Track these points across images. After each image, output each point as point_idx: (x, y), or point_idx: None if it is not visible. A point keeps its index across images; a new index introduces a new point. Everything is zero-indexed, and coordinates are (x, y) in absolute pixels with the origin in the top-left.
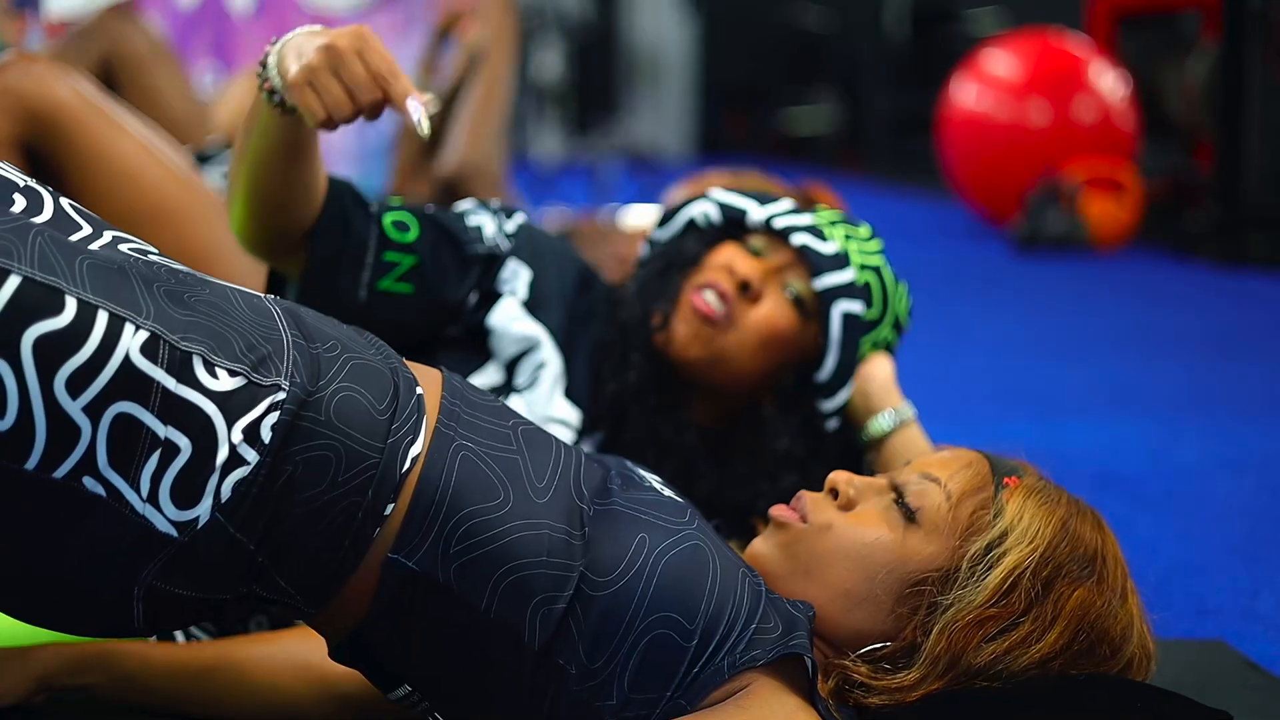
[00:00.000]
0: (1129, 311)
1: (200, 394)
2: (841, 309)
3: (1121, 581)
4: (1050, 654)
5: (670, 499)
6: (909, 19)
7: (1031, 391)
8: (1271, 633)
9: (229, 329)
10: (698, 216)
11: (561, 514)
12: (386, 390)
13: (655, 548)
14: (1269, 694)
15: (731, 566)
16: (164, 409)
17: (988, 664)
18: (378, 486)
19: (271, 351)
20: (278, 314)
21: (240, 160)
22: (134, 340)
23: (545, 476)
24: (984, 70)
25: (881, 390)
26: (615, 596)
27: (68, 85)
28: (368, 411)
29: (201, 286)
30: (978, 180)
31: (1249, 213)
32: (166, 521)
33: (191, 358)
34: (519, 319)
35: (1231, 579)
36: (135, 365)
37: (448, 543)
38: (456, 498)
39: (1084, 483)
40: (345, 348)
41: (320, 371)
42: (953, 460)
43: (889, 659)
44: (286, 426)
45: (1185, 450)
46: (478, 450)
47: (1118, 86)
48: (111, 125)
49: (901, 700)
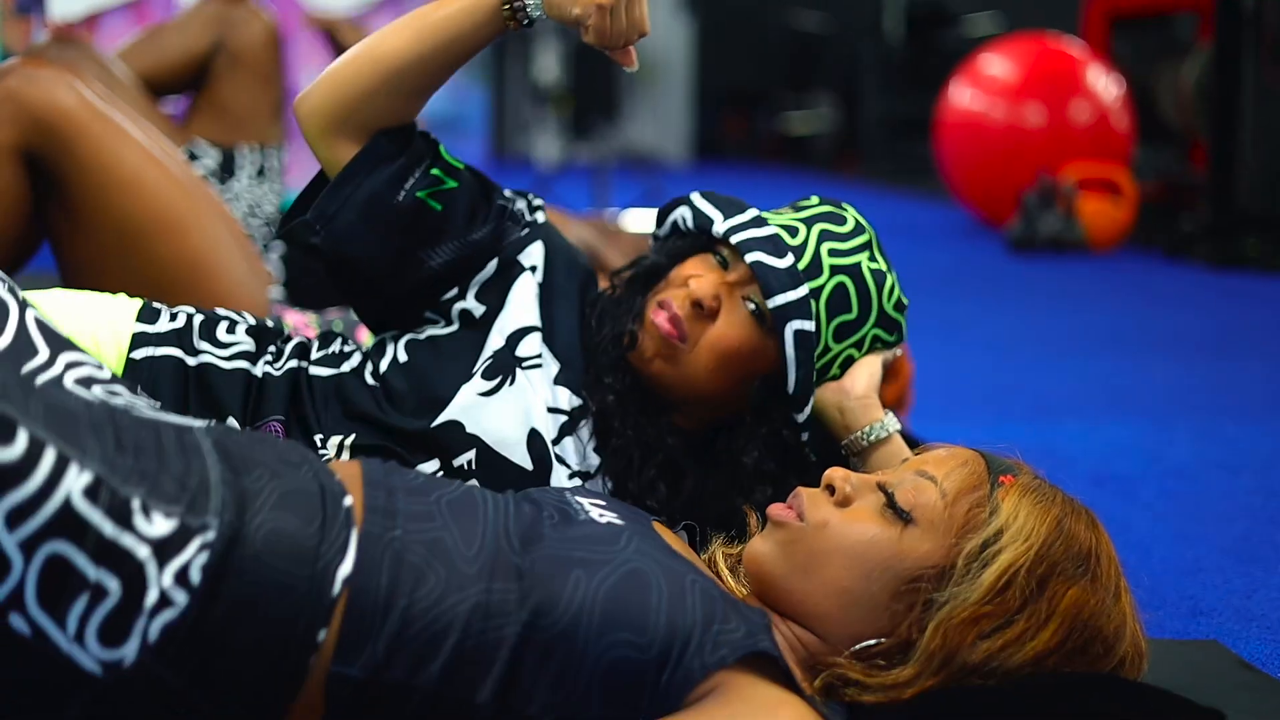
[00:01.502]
0: (1124, 313)
1: (135, 538)
2: (794, 327)
3: (1115, 580)
4: (1045, 652)
5: (606, 526)
6: (906, 22)
7: (1027, 392)
8: (1265, 633)
9: (164, 470)
10: (679, 220)
11: (494, 574)
12: (314, 512)
13: (592, 581)
14: (1263, 694)
15: (676, 577)
16: (98, 552)
17: (982, 661)
18: (309, 616)
19: (201, 491)
20: (207, 448)
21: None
22: (77, 481)
23: (474, 543)
24: (980, 73)
25: (859, 405)
26: (563, 635)
27: (71, 92)
28: (294, 540)
29: (139, 426)
30: (974, 182)
31: (1243, 214)
32: (92, 661)
33: (130, 502)
34: (530, 302)
35: (1225, 579)
36: (74, 507)
37: (388, 641)
38: (390, 597)
39: (1079, 483)
40: (273, 474)
41: (247, 504)
42: (949, 458)
43: (884, 655)
44: (216, 566)
45: (1180, 451)
46: (405, 540)
47: (1113, 89)
48: (115, 132)
49: (896, 697)
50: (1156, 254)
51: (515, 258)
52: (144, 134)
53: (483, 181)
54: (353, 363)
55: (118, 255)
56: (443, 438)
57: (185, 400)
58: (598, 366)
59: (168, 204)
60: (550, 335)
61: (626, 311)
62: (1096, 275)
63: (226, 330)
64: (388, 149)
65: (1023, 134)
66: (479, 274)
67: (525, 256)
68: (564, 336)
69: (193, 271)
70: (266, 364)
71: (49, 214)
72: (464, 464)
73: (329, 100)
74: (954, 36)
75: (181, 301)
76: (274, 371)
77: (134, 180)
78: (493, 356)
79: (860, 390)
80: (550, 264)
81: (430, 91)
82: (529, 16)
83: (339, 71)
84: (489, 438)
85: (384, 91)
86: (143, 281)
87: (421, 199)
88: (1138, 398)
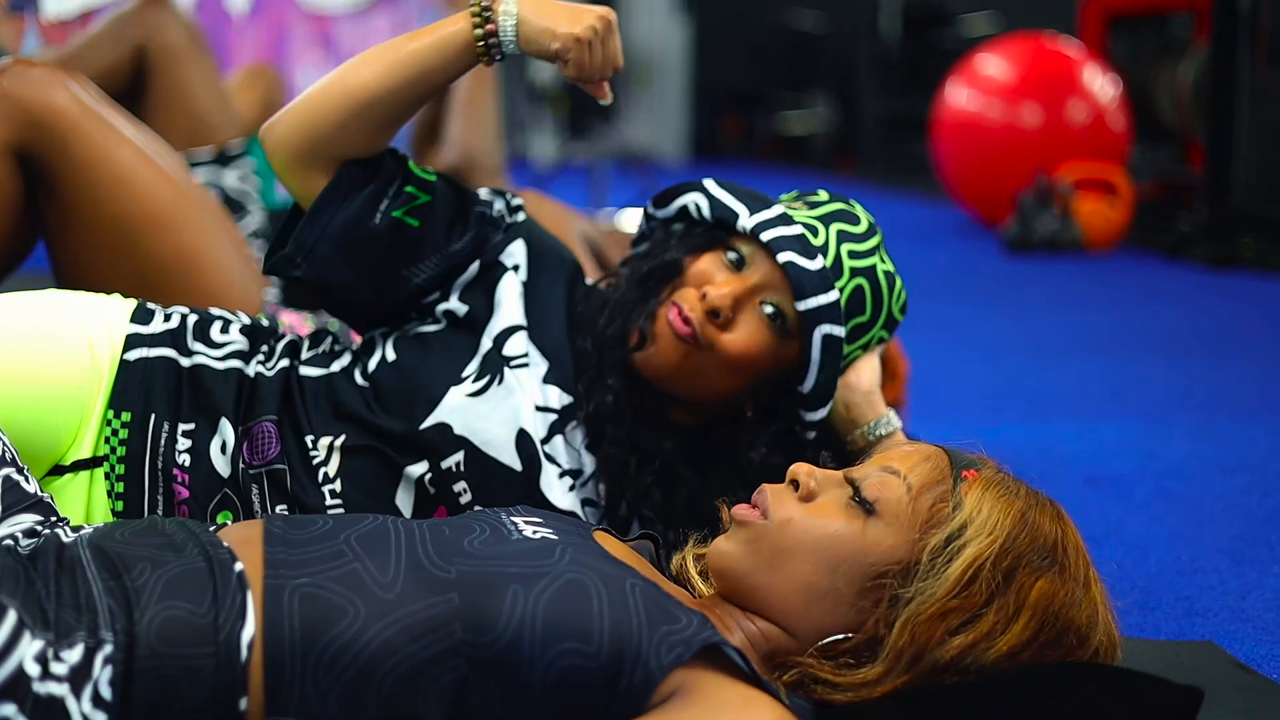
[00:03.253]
0: (1120, 313)
1: (55, 683)
2: (823, 332)
3: (1084, 570)
4: (1018, 645)
5: (540, 541)
6: (903, 22)
7: (1023, 392)
8: (1260, 633)
9: (63, 604)
10: (690, 206)
11: (417, 595)
12: (205, 589)
13: (529, 594)
14: (1258, 694)
15: (616, 583)
16: (34, 709)
17: (956, 658)
18: (226, 690)
19: (89, 609)
20: (86, 560)
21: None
22: (30, 647)
23: (390, 570)
24: (977, 73)
25: (864, 400)
26: (508, 649)
27: (64, 91)
28: (188, 621)
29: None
30: (970, 182)
31: (1239, 214)
32: None
33: (46, 650)
34: (515, 301)
35: (1221, 579)
36: (25, 671)
37: (316, 680)
38: (307, 639)
39: (1074, 484)
40: (154, 564)
41: (133, 604)
42: (913, 453)
43: (852, 653)
44: (122, 676)
45: (1175, 451)
46: (314, 582)
47: (1109, 89)
48: (107, 131)
49: (867, 696)
50: (1153, 254)
51: (497, 258)
52: (137, 132)
53: (457, 190)
54: (343, 362)
55: (111, 252)
56: (431, 439)
57: (179, 401)
58: (601, 364)
59: (161, 201)
60: (537, 333)
61: (638, 310)
62: (1093, 275)
63: (220, 330)
64: (359, 175)
65: (1019, 134)
66: (461, 276)
67: (507, 256)
68: (551, 334)
69: (186, 268)
70: (259, 363)
71: (43, 212)
72: (453, 465)
73: (298, 132)
74: (951, 36)
75: (175, 298)
76: (266, 372)
77: (127, 178)
78: (481, 358)
79: (865, 386)
80: (533, 261)
81: (401, 123)
82: (502, 51)
83: (309, 103)
84: (477, 439)
85: (355, 124)
86: (137, 279)
87: (398, 218)
88: (1133, 398)
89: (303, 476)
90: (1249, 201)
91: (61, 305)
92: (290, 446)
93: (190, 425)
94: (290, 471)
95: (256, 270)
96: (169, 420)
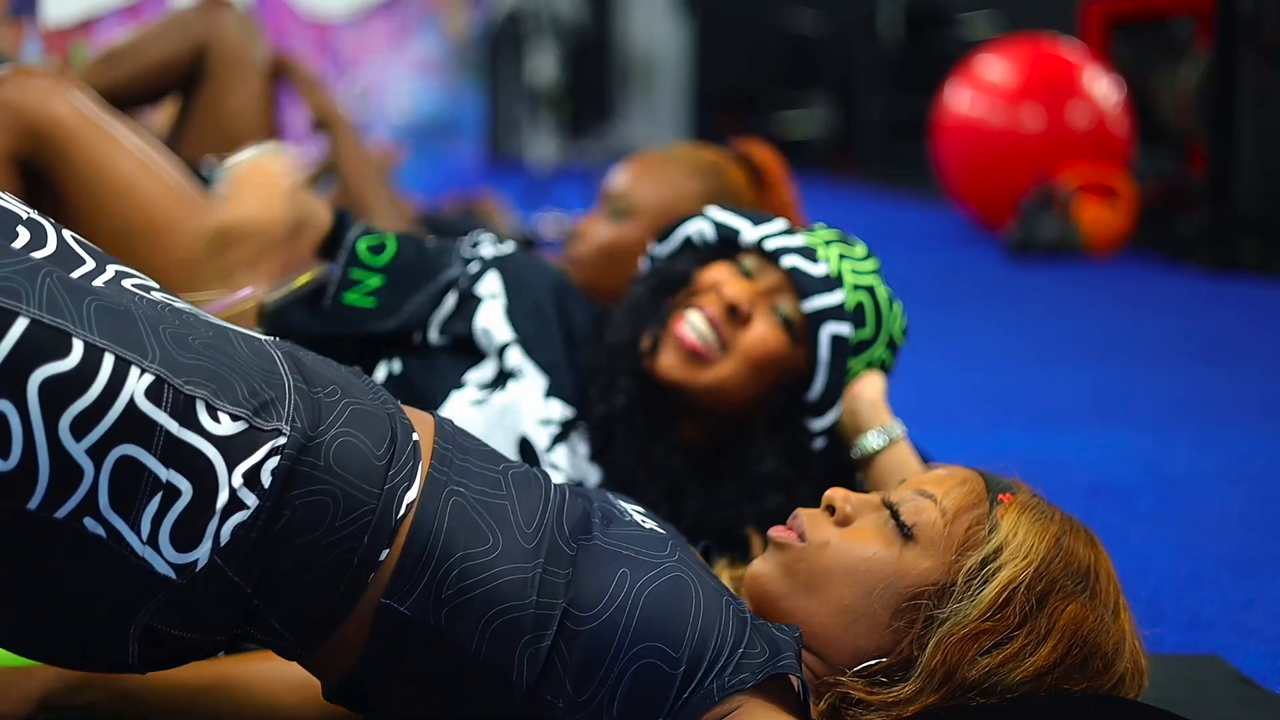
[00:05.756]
0: (1122, 317)
1: (202, 438)
2: (830, 331)
3: (1114, 597)
4: (1044, 668)
5: (651, 532)
6: (903, 23)
7: (1024, 399)
8: (1264, 647)
9: (232, 372)
10: (694, 234)
11: (547, 554)
12: (384, 436)
13: (636, 582)
14: (1262, 709)
15: (715, 595)
16: (166, 452)
17: (982, 677)
18: (374, 532)
19: (274, 396)
20: (279, 358)
21: None
22: (139, 384)
23: (534, 521)
24: (978, 75)
25: (870, 409)
26: (598, 630)
27: (65, 100)
28: (366, 457)
29: (205, 328)
30: (971, 185)
31: (1241, 218)
32: (165, 564)
33: (195, 401)
34: (500, 321)
35: (1224, 591)
36: (139, 409)
37: (439, 588)
38: (448, 544)
39: (1077, 494)
40: (345, 392)
41: (320, 416)
42: (948, 477)
43: (885, 673)
44: (286, 471)
45: (1178, 461)
46: (469, 496)
47: (1111, 92)
48: (108, 140)
49: (899, 715)
50: (1155, 259)
51: (471, 290)
52: (137, 141)
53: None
54: None
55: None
56: None
57: None
58: (612, 370)
59: (162, 211)
60: (530, 348)
61: (648, 316)
62: (1094, 280)
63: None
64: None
65: (1021, 137)
66: (438, 310)
67: (480, 288)
68: (546, 349)
69: (188, 277)
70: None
71: None
72: None
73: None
74: (951, 38)
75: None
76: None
77: (127, 187)
78: (486, 369)
79: (870, 395)
80: (510, 287)
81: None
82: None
83: None
84: None
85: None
86: None
87: (349, 304)
88: (1136, 406)
89: None
90: (1251, 205)
91: None
92: None
93: None
94: None
95: None
96: None
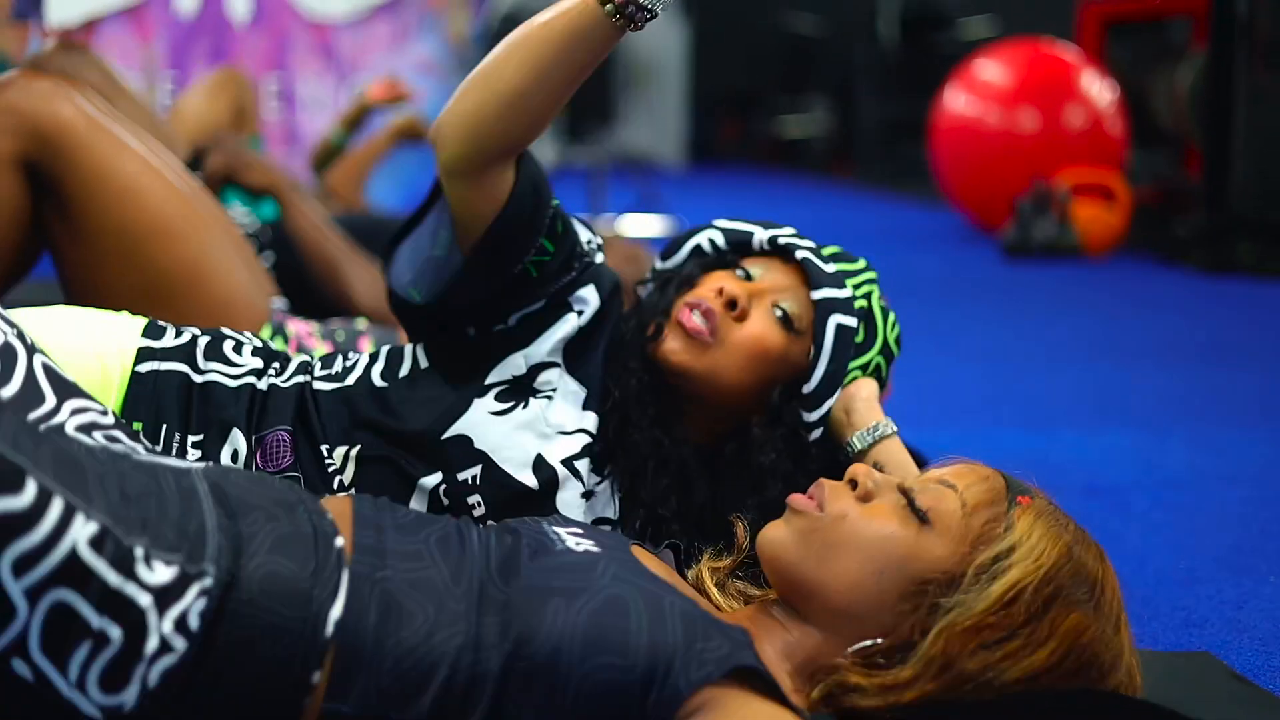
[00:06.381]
0: (1118, 319)
1: (139, 587)
2: (836, 321)
3: (1117, 613)
4: (1040, 670)
5: (584, 554)
6: (901, 25)
7: (1021, 399)
8: (1258, 645)
9: (164, 518)
10: (704, 244)
11: (479, 606)
12: (309, 555)
13: (570, 610)
14: (1256, 706)
15: (656, 599)
16: (102, 601)
17: (978, 671)
18: (304, 658)
19: (199, 537)
20: (203, 492)
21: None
22: (83, 531)
23: (462, 578)
24: (975, 77)
25: (864, 408)
26: (545, 663)
27: (71, 103)
28: (290, 582)
29: (139, 472)
30: (968, 187)
31: (1237, 219)
32: (93, 706)
33: (133, 551)
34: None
35: (1218, 590)
36: (81, 557)
37: (378, 678)
38: (379, 636)
39: (1073, 494)
40: (269, 516)
41: (243, 549)
42: (969, 472)
43: (884, 654)
44: (213, 612)
45: (1173, 460)
46: (395, 578)
47: (1107, 94)
48: (112, 142)
49: (896, 700)
50: (1150, 259)
51: (567, 299)
52: (142, 143)
53: (573, 241)
54: (357, 373)
55: (117, 263)
56: (449, 451)
57: (188, 413)
58: (623, 356)
59: (167, 212)
60: (573, 366)
61: (654, 307)
62: (1090, 281)
63: (234, 349)
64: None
65: (1017, 139)
66: (527, 307)
67: (576, 300)
68: (591, 363)
69: (193, 278)
70: (271, 377)
71: (49, 223)
72: (469, 478)
73: (465, 146)
74: (949, 40)
75: (183, 308)
76: (280, 383)
77: (132, 189)
78: (511, 380)
79: (865, 395)
80: (600, 308)
81: (561, 103)
82: (650, 12)
83: (466, 114)
84: (497, 455)
85: (514, 126)
86: (144, 289)
87: (524, 268)
88: (1131, 406)
89: (318, 484)
90: (1246, 206)
91: (72, 321)
92: (304, 455)
93: (199, 436)
94: (304, 480)
95: (264, 279)
96: (179, 431)
